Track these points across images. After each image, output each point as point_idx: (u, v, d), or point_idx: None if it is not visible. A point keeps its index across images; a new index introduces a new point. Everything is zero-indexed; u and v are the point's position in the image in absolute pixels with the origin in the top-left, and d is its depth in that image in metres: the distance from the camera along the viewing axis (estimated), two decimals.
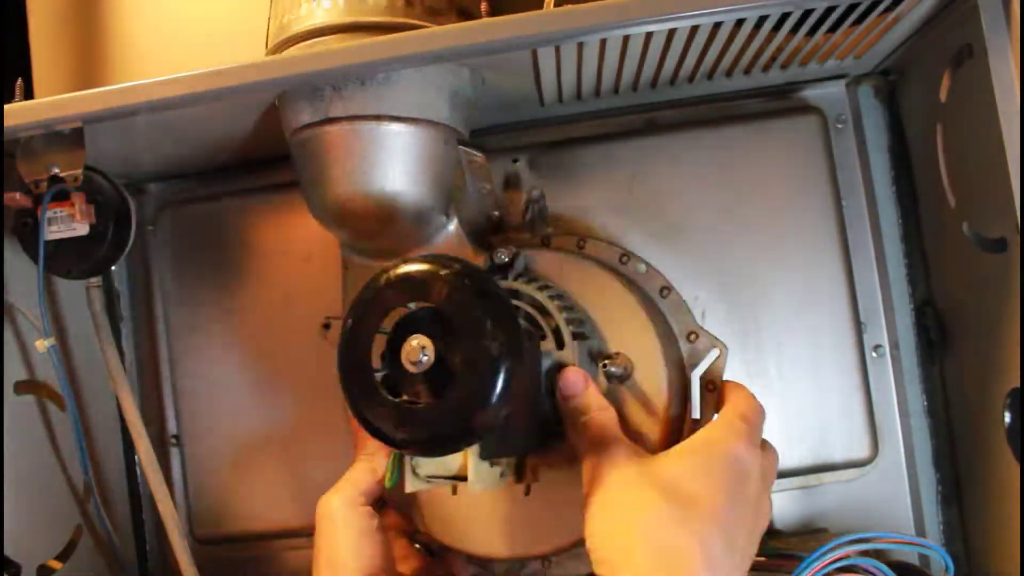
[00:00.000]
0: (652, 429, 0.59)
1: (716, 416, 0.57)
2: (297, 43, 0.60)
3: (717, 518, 0.50)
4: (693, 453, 0.53)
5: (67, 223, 0.61)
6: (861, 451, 0.72)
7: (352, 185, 0.59)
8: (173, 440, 0.79)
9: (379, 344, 0.49)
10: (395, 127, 0.58)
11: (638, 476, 0.52)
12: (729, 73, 0.69)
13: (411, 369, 0.47)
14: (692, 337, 0.62)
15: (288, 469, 0.78)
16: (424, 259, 0.49)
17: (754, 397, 0.58)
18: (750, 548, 0.53)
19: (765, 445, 0.57)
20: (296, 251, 0.78)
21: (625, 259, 0.65)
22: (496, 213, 0.69)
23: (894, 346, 0.74)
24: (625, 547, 0.49)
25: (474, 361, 0.46)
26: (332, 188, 0.59)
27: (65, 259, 0.63)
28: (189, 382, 0.79)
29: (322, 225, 0.62)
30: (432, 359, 0.47)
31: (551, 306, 0.58)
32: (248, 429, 0.78)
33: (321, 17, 0.59)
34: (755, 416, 0.57)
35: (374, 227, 0.61)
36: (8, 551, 0.64)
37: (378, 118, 0.58)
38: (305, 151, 0.60)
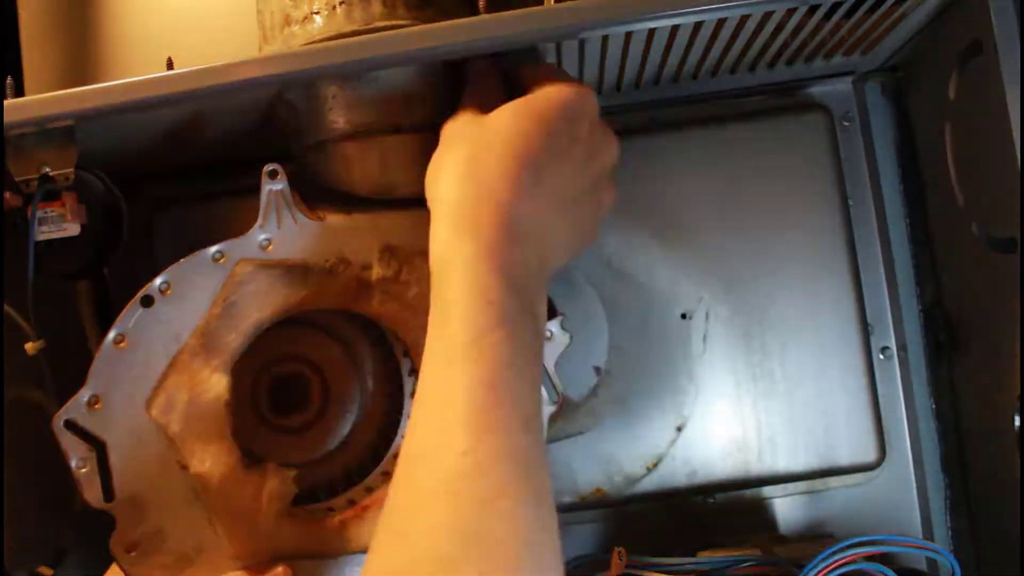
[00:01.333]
0: None
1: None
2: None
3: (532, 167, 0.51)
4: (523, 109, 0.53)
5: (58, 223, 0.60)
6: (868, 455, 0.71)
7: None
8: None
9: None
10: None
11: (474, 126, 0.53)
12: (734, 70, 0.68)
13: None
14: None
15: None
16: None
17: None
18: (588, 195, 0.56)
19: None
20: None
21: None
22: None
23: (902, 348, 0.73)
24: (439, 188, 0.52)
25: None
26: None
27: (55, 260, 0.62)
28: None
29: None
30: None
31: None
32: None
33: (321, 28, 0.58)
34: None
35: None
36: None
37: None
38: None
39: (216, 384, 0.57)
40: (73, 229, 0.61)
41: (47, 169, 0.59)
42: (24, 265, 0.60)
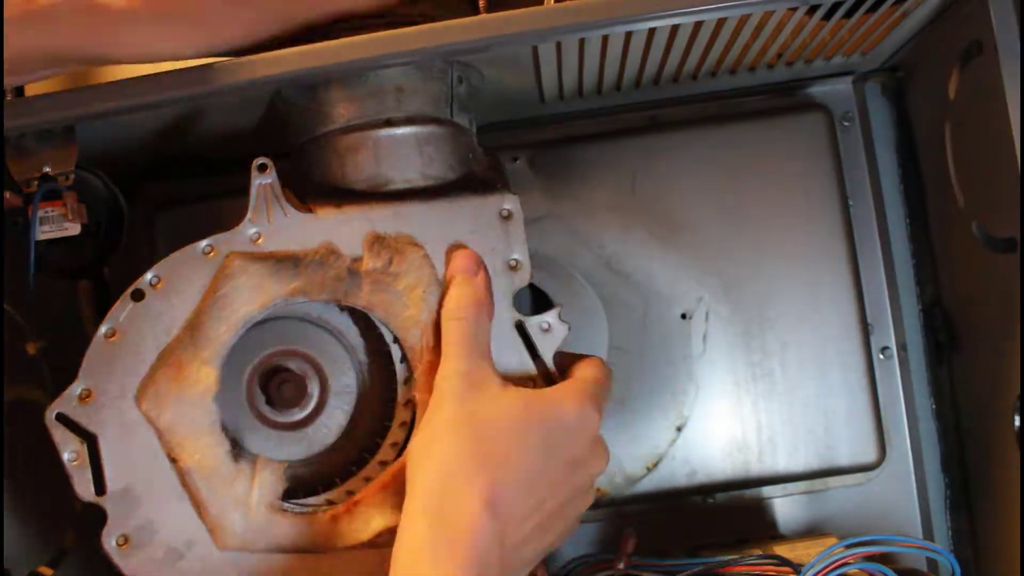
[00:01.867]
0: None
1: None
2: None
3: (521, 481, 0.50)
4: (529, 411, 0.52)
5: (58, 223, 0.60)
6: (868, 455, 0.71)
7: None
8: None
9: None
10: None
11: (467, 413, 0.52)
12: (733, 70, 0.68)
13: None
14: None
15: None
16: None
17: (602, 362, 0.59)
18: (569, 504, 0.53)
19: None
20: None
21: None
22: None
23: (902, 348, 0.73)
24: (420, 475, 0.51)
25: None
26: None
27: (56, 259, 0.62)
28: None
29: None
30: None
31: None
32: None
33: None
34: (605, 378, 0.57)
35: None
36: None
37: None
38: None
39: (205, 377, 0.57)
40: (73, 229, 0.61)
41: (47, 169, 0.59)
42: (24, 265, 0.60)
